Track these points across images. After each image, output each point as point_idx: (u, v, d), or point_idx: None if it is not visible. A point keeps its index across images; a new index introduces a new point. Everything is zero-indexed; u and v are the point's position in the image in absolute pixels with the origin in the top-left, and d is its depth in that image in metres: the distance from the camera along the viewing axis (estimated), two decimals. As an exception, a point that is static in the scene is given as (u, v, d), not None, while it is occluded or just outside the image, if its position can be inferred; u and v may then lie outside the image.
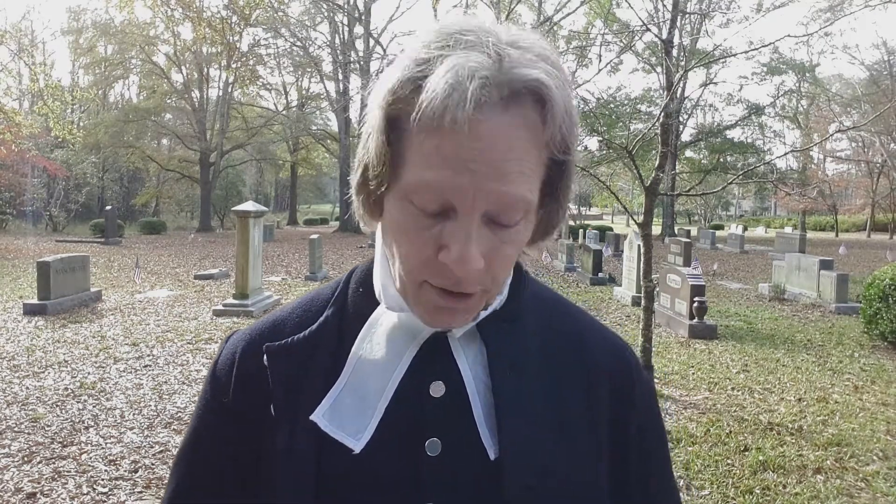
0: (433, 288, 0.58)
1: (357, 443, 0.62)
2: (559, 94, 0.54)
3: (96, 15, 33.96)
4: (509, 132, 0.53)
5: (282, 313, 0.74)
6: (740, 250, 22.67)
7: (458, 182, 0.53)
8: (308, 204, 62.30)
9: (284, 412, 0.65)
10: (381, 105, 0.56)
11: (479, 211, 0.55)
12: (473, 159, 0.53)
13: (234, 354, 0.71)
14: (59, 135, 17.68)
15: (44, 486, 3.58)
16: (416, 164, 0.54)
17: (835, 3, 27.90)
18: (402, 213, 0.57)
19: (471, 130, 0.52)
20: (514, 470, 0.61)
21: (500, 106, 0.53)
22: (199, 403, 0.74)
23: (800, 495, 3.63)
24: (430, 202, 0.55)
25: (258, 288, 9.26)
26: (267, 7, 22.92)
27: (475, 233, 0.55)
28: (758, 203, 63.76)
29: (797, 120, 36.77)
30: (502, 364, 0.65)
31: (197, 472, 0.72)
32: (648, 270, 5.33)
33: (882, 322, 7.20)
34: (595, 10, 22.46)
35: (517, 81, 0.53)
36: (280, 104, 39.22)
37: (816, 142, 18.29)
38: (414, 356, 0.65)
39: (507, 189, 0.54)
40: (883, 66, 35.98)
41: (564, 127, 0.56)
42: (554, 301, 0.75)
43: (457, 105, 0.50)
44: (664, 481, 0.75)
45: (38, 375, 5.72)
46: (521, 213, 0.57)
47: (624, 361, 0.72)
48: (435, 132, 0.52)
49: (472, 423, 0.63)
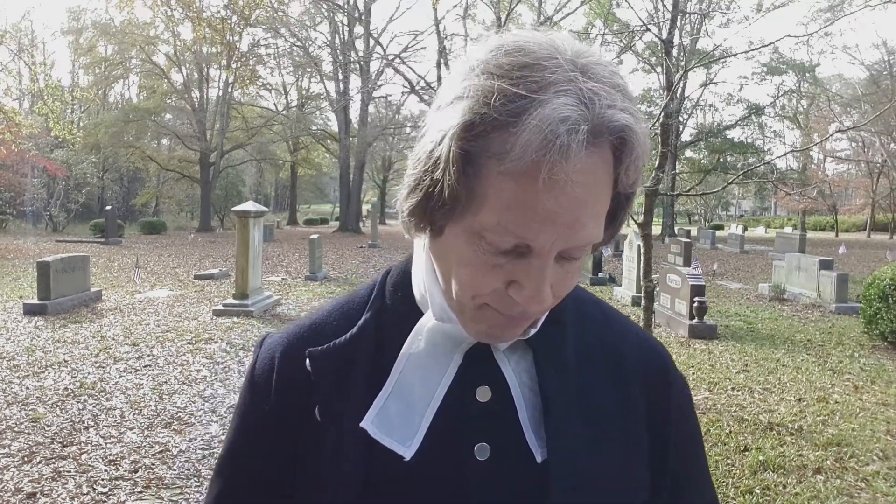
0: (494, 310, 0.58)
1: (407, 450, 0.62)
2: (640, 136, 0.54)
3: (96, 15, 33.97)
4: (593, 178, 0.53)
5: (318, 317, 0.74)
6: (740, 250, 22.67)
7: (541, 230, 0.53)
8: (308, 204, 62.29)
9: (330, 417, 0.65)
10: (457, 139, 0.52)
11: (554, 252, 0.55)
12: (560, 212, 0.52)
13: (272, 359, 0.71)
14: (59, 135, 17.67)
15: (44, 486, 3.58)
16: (497, 206, 0.52)
17: (835, 3, 27.90)
18: (471, 247, 0.56)
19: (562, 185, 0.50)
20: (561, 472, 0.62)
21: (587, 152, 0.51)
22: (239, 410, 0.74)
23: (800, 495, 3.63)
24: (507, 243, 0.54)
25: (258, 288, 9.26)
26: (267, 7, 22.89)
27: (549, 272, 0.55)
28: (758, 203, 63.75)
29: (797, 120, 36.80)
30: (547, 367, 0.65)
31: (239, 480, 0.72)
32: (648, 270, 5.33)
33: (882, 322, 7.20)
34: (595, 10, 22.47)
35: (606, 126, 0.51)
36: (280, 104, 39.24)
37: (816, 142, 18.27)
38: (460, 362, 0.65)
39: (585, 234, 0.54)
40: (883, 66, 35.99)
41: (639, 165, 0.55)
42: (591, 303, 0.75)
43: (554, 161, 0.49)
44: (701, 479, 0.76)
45: (38, 375, 5.72)
46: (589, 249, 0.58)
47: (660, 362, 0.73)
48: (523, 180, 0.51)
49: (518, 426, 0.64)
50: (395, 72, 23.83)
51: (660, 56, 7.05)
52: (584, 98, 0.51)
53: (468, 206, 0.54)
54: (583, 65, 0.53)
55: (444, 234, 0.58)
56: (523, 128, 0.49)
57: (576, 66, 0.52)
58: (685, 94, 26.93)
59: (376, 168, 48.26)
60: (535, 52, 0.53)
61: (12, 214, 29.01)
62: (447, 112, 0.54)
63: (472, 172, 0.53)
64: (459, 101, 0.53)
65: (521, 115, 0.50)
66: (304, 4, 33.16)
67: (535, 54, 0.52)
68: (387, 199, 54.35)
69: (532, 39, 0.54)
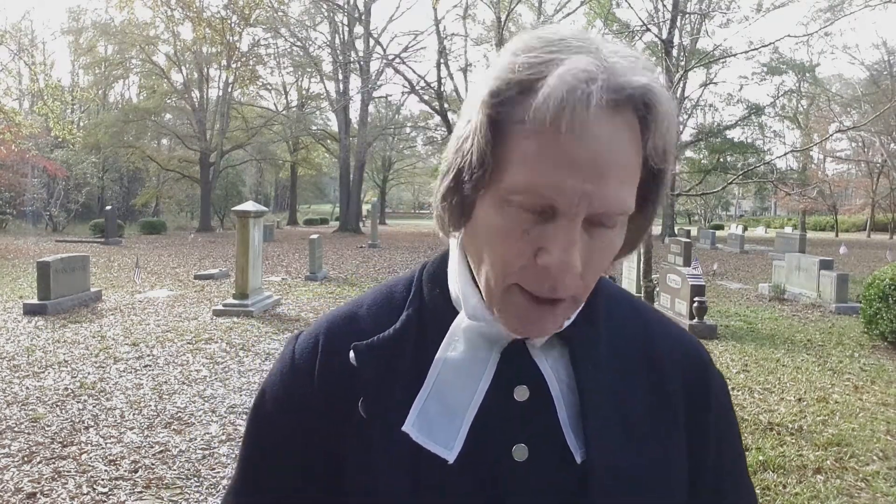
0: (522, 292, 0.57)
1: (450, 453, 0.61)
2: (665, 103, 0.55)
3: (96, 15, 34.00)
4: (617, 136, 0.53)
5: (358, 308, 0.72)
6: (740, 250, 22.66)
7: (565, 184, 0.53)
8: (308, 204, 62.28)
9: (376, 412, 0.64)
10: (483, 106, 0.55)
11: (581, 214, 0.54)
12: (582, 162, 0.52)
13: (315, 346, 0.70)
14: (59, 135, 17.68)
15: (44, 486, 3.58)
16: (521, 165, 0.54)
17: (835, 3, 27.90)
18: (500, 216, 0.56)
19: (582, 133, 0.52)
20: (601, 473, 0.61)
21: (609, 111, 0.52)
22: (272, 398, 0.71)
23: (800, 495, 3.63)
24: (534, 204, 0.54)
25: (258, 288, 9.26)
26: (267, 7, 22.90)
27: (577, 237, 0.54)
28: (758, 203, 63.75)
29: (797, 120, 36.78)
30: (585, 366, 0.64)
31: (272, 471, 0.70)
32: (648, 270, 5.33)
33: (882, 322, 7.20)
34: (595, 10, 22.46)
35: (627, 87, 0.53)
36: (280, 104, 39.23)
37: (816, 142, 18.28)
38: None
39: (611, 193, 0.54)
40: (883, 66, 36.00)
41: (667, 136, 0.56)
42: (622, 298, 0.74)
43: (574, 108, 0.50)
44: (741, 477, 0.75)
45: (38, 375, 5.72)
46: (619, 218, 0.57)
47: (698, 358, 0.72)
48: (544, 134, 0.52)
49: (558, 426, 0.63)
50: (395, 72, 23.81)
51: (660, 56, 7.04)
52: (603, 59, 0.53)
53: (496, 172, 0.55)
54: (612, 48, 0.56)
55: (475, 213, 0.59)
56: (544, 84, 0.52)
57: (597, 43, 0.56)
58: (685, 94, 26.93)
59: (376, 168, 48.25)
60: (558, 32, 0.56)
61: (12, 214, 29.01)
62: (478, 88, 0.57)
63: (499, 139, 0.55)
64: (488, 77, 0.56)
65: (543, 75, 0.52)
66: (304, 4, 33.21)
67: (559, 33, 0.56)
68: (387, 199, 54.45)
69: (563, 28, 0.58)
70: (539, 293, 0.56)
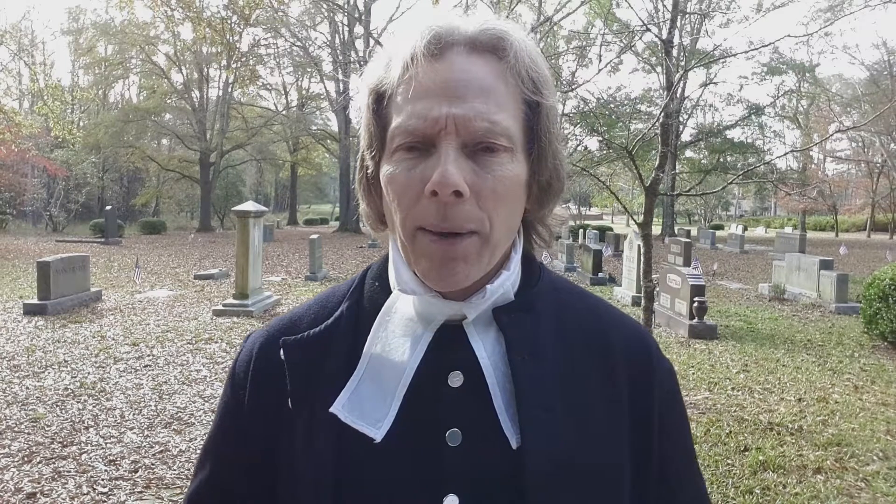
0: (426, 234, 0.60)
1: (377, 431, 0.62)
2: (520, 41, 0.62)
3: (96, 15, 34.05)
4: (472, 63, 0.60)
5: (299, 310, 0.75)
6: (740, 250, 22.66)
7: (428, 110, 0.58)
8: (308, 204, 62.27)
9: (302, 405, 0.65)
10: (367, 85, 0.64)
11: (454, 138, 0.58)
12: (438, 88, 0.59)
13: (251, 352, 0.72)
14: (59, 135, 17.68)
15: (44, 486, 3.58)
16: (395, 115, 0.61)
17: (835, 3, 27.91)
18: (391, 166, 0.62)
19: (436, 64, 0.59)
20: (536, 458, 0.62)
21: (465, 52, 0.61)
22: (220, 403, 0.75)
23: (800, 495, 3.63)
24: (410, 140, 0.60)
25: (258, 288, 9.26)
26: (267, 7, 22.89)
27: (453, 155, 0.58)
28: (758, 203, 63.74)
29: (797, 120, 36.79)
30: (520, 352, 0.65)
31: (218, 472, 0.73)
32: (648, 270, 5.33)
33: (882, 322, 7.20)
34: (595, 10, 22.45)
35: (480, 32, 0.61)
36: (280, 104, 39.23)
37: (816, 142, 18.28)
38: (431, 347, 0.65)
39: (475, 109, 0.58)
40: (883, 66, 35.94)
41: (530, 69, 0.62)
42: (570, 290, 0.75)
43: (415, 50, 0.59)
44: (687, 465, 0.75)
45: (38, 375, 5.72)
46: (500, 139, 0.60)
47: (643, 346, 0.73)
48: (403, 84, 0.60)
49: (493, 412, 0.63)
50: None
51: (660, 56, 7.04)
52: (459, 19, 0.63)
53: (384, 134, 0.63)
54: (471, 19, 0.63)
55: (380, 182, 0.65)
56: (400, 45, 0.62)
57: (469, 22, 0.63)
58: (685, 94, 26.90)
59: (376, 168, 48.14)
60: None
61: (12, 214, 29.01)
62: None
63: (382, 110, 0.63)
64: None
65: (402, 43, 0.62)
66: (304, 4, 33.18)
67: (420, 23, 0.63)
68: (387, 199, 54.12)
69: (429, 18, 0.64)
70: (435, 226, 0.59)
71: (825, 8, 28.64)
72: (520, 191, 0.63)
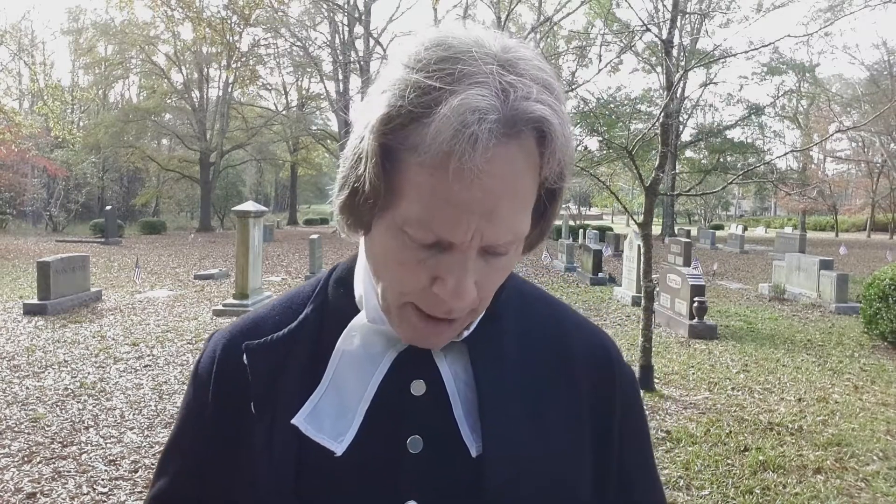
0: (418, 311, 0.58)
1: (339, 446, 0.62)
2: (560, 129, 0.53)
3: (96, 15, 34.05)
4: (511, 170, 0.52)
5: (262, 311, 0.74)
6: (740, 250, 22.65)
7: (459, 222, 0.52)
8: (308, 204, 62.24)
9: (264, 410, 0.65)
10: (375, 133, 0.53)
11: (475, 248, 0.55)
12: (473, 202, 0.52)
13: (214, 353, 0.72)
14: (59, 135, 17.68)
15: (44, 486, 3.58)
16: (415, 199, 0.53)
17: (835, 3, 27.91)
18: (395, 242, 0.56)
19: (472, 174, 0.50)
20: (496, 466, 0.62)
21: (503, 142, 0.51)
22: (182, 403, 0.74)
23: (800, 495, 3.63)
24: (428, 237, 0.54)
25: (258, 288, 9.26)
26: (267, 7, 22.89)
27: (471, 266, 0.55)
28: (758, 203, 63.73)
29: (797, 120, 36.80)
30: (483, 361, 0.65)
31: (180, 474, 0.73)
32: (648, 270, 5.33)
33: (882, 322, 7.20)
34: (595, 10, 22.45)
35: (521, 118, 0.51)
36: (280, 104, 39.21)
37: (816, 142, 18.29)
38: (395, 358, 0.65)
39: (505, 227, 0.54)
40: (883, 66, 35.94)
41: (563, 160, 0.55)
42: (535, 297, 0.75)
43: (464, 151, 0.49)
44: (646, 473, 0.75)
45: (38, 375, 5.72)
46: (514, 244, 0.57)
47: (604, 353, 0.73)
48: (436, 171, 0.51)
49: (453, 421, 0.64)
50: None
51: (660, 56, 7.05)
52: (498, 89, 0.51)
53: (389, 199, 0.54)
54: (506, 59, 0.53)
55: (372, 231, 0.59)
56: (434, 118, 0.50)
57: (497, 60, 0.53)
58: (685, 94, 26.91)
59: (376, 168, 48.14)
60: (454, 47, 0.53)
61: (12, 214, 29.01)
62: (371, 106, 0.55)
63: (391, 166, 0.53)
64: (381, 94, 0.54)
65: (434, 106, 0.50)
66: (304, 4, 33.19)
67: (454, 48, 0.53)
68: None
69: (454, 34, 0.55)
70: (435, 314, 0.58)
71: (825, 8, 28.66)
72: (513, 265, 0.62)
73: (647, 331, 5.35)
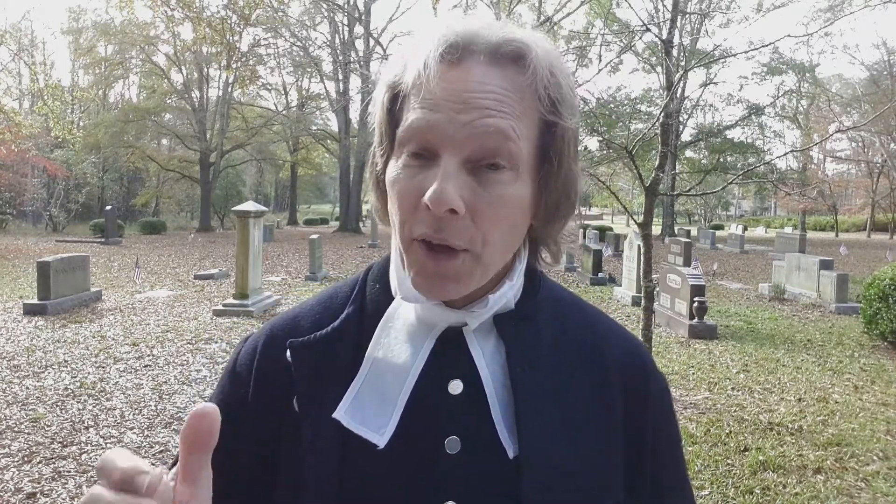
0: (420, 245, 0.59)
1: (381, 438, 0.62)
2: (542, 55, 0.59)
3: (96, 15, 34.05)
4: (487, 75, 0.58)
5: (301, 310, 0.74)
6: (740, 250, 22.66)
7: (435, 118, 0.57)
8: (308, 204, 62.29)
9: (309, 408, 0.65)
10: (384, 82, 0.63)
11: (458, 152, 0.57)
12: (448, 97, 0.57)
13: (255, 349, 0.72)
14: (59, 135, 17.66)
15: (44, 486, 3.58)
16: (405, 119, 0.60)
17: (835, 3, 27.91)
18: (396, 168, 0.61)
19: (449, 72, 0.58)
20: (533, 468, 0.62)
21: (484, 61, 0.58)
22: (217, 399, 0.73)
23: (800, 495, 3.63)
24: (415, 147, 0.59)
25: (258, 288, 9.26)
26: (267, 7, 22.89)
27: (453, 172, 0.57)
28: (758, 203, 63.74)
29: (797, 120, 36.78)
30: (520, 362, 0.65)
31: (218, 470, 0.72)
32: (648, 270, 5.33)
33: (882, 322, 7.20)
34: (595, 10, 22.45)
35: (500, 41, 0.59)
36: (280, 104, 39.19)
37: (816, 142, 18.29)
38: (432, 354, 0.65)
39: (487, 122, 0.57)
40: (883, 66, 35.97)
41: (550, 87, 0.59)
42: (570, 301, 0.75)
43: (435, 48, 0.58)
44: (678, 480, 0.75)
45: (38, 375, 5.72)
46: (503, 156, 0.58)
47: (639, 360, 0.73)
48: (420, 87, 0.58)
49: (491, 421, 0.64)
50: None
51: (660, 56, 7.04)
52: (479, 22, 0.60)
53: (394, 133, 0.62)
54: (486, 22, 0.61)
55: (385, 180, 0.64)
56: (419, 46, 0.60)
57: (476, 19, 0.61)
58: (685, 94, 26.90)
59: (376, 168, 48.12)
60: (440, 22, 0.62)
61: (12, 214, 29.01)
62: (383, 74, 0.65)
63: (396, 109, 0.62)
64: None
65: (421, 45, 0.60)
66: (304, 4, 33.18)
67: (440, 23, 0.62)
68: (387, 199, 54.14)
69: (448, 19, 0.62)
70: (428, 236, 0.58)
71: (825, 8, 28.65)
72: (521, 212, 0.62)
73: (647, 331, 5.35)
